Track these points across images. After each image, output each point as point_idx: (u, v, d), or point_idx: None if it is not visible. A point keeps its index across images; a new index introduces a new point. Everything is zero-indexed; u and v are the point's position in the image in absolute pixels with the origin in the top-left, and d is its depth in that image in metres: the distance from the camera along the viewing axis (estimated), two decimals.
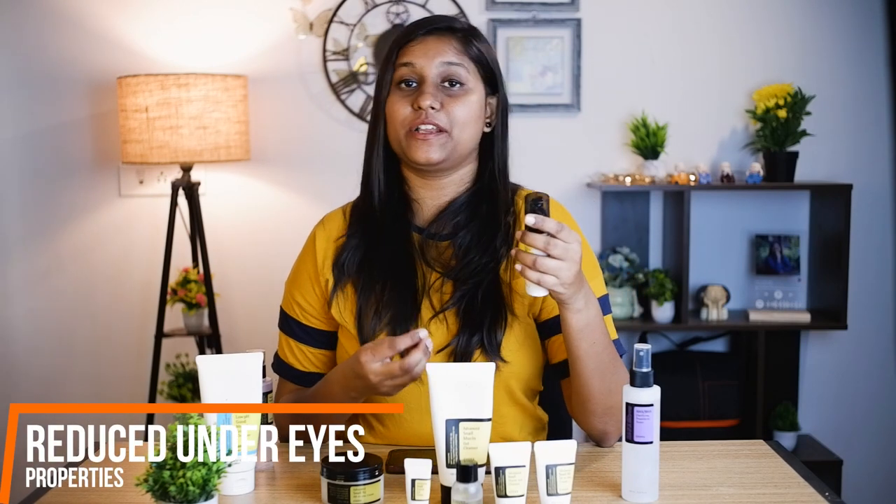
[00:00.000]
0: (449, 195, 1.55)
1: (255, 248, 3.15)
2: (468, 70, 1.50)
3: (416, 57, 1.49)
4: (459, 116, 1.48)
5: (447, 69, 1.49)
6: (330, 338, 1.59)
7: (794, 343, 3.16)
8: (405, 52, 1.51)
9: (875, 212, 3.17)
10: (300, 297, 1.59)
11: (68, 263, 3.14)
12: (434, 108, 1.47)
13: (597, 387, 1.43)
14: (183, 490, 1.09)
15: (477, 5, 3.08)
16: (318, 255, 1.58)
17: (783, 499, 1.29)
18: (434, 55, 1.49)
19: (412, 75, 1.50)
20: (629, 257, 3.06)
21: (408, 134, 1.49)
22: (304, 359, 1.60)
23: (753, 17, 3.11)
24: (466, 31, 1.53)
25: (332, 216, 1.63)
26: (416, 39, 1.51)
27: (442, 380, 1.26)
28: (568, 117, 3.12)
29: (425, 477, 1.23)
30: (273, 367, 1.63)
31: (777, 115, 2.96)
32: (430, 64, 1.49)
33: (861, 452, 3.20)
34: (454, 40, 1.51)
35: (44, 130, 3.10)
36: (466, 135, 1.50)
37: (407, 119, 1.49)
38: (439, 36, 1.51)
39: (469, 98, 1.50)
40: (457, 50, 1.50)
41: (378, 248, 1.53)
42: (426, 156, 1.48)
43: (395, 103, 1.51)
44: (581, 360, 1.41)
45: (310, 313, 1.58)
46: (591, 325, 1.39)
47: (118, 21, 3.07)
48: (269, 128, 3.11)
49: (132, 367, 3.17)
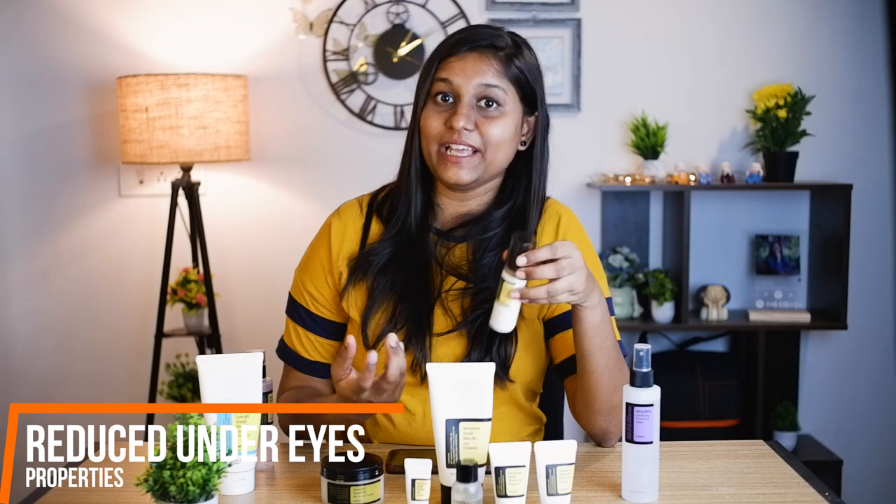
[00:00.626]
0: (472, 206, 1.56)
1: (255, 248, 3.15)
2: (506, 92, 1.48)
3: (455, 74, 1.48)
4: (493, 137, 1.47)
5: (484, 90, 1.47)
6: (339, 329, 1.59)
7: (794, 343, 3.16)
8: (445, 66, 1.49)
9: (875, 212, 3.17)
10: (311, 287, 1.59)
11: (68, 263, 3.14)
12: (468, 129, 1.46)
13: (604, 384, 1.43)
14: (183, 490, 1.09)
15: (477, 5, 3.08)
16: (334, 246, 1.58)
17: (783, 499, 1.29)
18: (472, 74, 1.47)
19: (448, 91, 1.48)
20: (629, 257, 3.06)
21: (439, 152, 1.48)
22: (311, 347, 1.60)
23: (753, 17, 3.11)
24: (510, 49, 1.50)
25: (349, 207, 1.62)
26: (458, 55, 1.49)
27: (442, 380, 1.26)
28: (568, 117, 3.12)
29: (425, 477, 1.23)
30: (278, 352, 1.64)
31: (777, 115, 2.96)
32: (467, 83, 1.47)
33: (861, 452, 3.20)
34: (495, 60, 1.48)
35: (44, 130, 3.10)
36: (501, 156, 1.50)
37: (439, 135, 1.48)
38: (481, 54, 1.48)
39: (504, 120, 1.48)
40: (496, 71, 1.48)
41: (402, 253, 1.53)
42: (456, 177, 1.48)
43: (429, 117, 1.49)
44: (593, 356, 1.41)
45: (320, 303, 1.58)
46: (604, 322, 1.40)
47: (118, 21, 3.07)
48: (269, 128, 3.11)
49: (132, 367, 3.17)
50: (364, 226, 1.58)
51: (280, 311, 3.25)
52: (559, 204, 1.61)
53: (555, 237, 1.56)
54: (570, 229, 1.57)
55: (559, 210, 1.59)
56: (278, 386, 1.64)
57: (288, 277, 3.28)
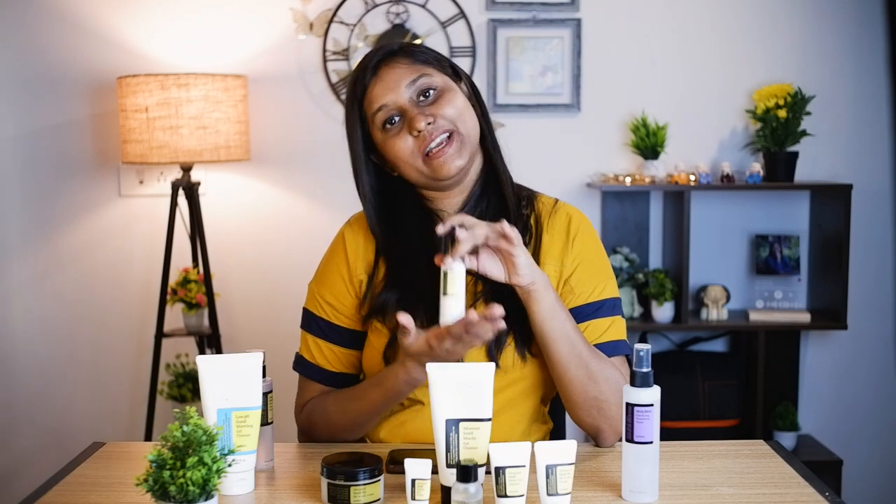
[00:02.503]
0: (466, 192, 1.58)
1: (255, 248, 3.15)
2: (430, 75, 1.52)
3: (381, 96, 1.50)
4: (451, 113, 1.50)
5: (414, 87, 1.50)
6: (359, 338, 1.59)
7: (794, 343, 3.16)
8: (369, 100, 1.52)
9: (875, 212, 3.17)
10: (331, 298, 1.58)
11: (68, 263, 3.14)
12: (429, 122, 1.48)
13: (574, 373, 1.44)
14: (183, 490, 1.09)
15: (477, 5, 3.09)
16: (350, 256, 1.58)
17: (783, 499, 1.29)
18: (395, 84, 1.50)
19: (389, 114, 1.50)
20: (629, 257, 3.06)
21: (424, 160, 1.50)
22: (333, 359, 1.59)
23: (753, 17, 3.11)
24: (404, 47, 1.54)
25: (360, 217, 1.63)
26: (370, 83, 1.52)
27: (442, 380, 1.26)
28: (568, 117, 3.12)
29: (425, 477, 1.23)
30: (295, 366, 1.63)
31: (777, 115, 2.96)
32: (398, 94, 1.50)
33: (861, 452, 3.20)
34: (401, 59, 1.52)
35: (44, 130, 3.10)
36: (469, 125, 1.52)
37: (414, 149, 1.49)
38: (386, 65, 1.52)
39: (447, 95, 1.51)
40: (409, 66, 1.51)
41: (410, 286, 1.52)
42: (453, 165, 1.49)
43: (394, 145, 1.50)
44: (556, 342, 1.42)
45: (342, 312, 1.58)
46: (558, 306, 1.42)
47: (118, 21, 3.07)
48: (269, 128, 3.11)
49: (132, 367, 3.17)
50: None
51: (280, 311, 3.27)
52: (570, 205, 1.63)
53: (566, 236, 1.57)
54: (581, 228, 1.58)
55: (569, 211, 1.61)
56: (296, 400, 1.63)
57: (288, 277, 3.29)
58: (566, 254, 1.56)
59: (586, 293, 1.54)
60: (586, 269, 1.56)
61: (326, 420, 1.55)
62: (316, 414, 1.57)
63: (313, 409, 1.58)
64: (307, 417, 1.59)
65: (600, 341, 1.51)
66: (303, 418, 1.60)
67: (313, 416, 1.58)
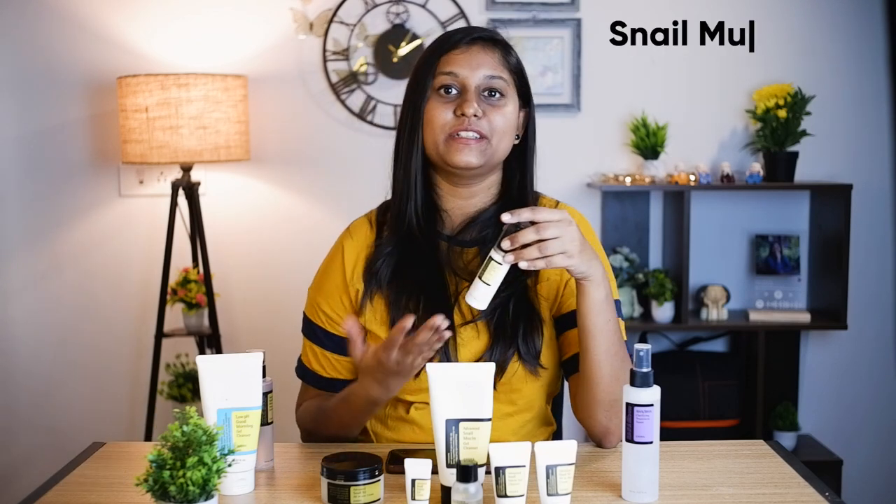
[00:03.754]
0: (477, 205, 1.58)
1: (255, 248, 3.15)
2: (507, 82, 1.53)
3: (460, 66, 1.51)
4: (499, 125, 1.51)
5: (489, 81, 1.51)
6: None
7: (794, 343, 3.16)
8: (447, 59, 1.52)
9: (875, 212, 3.17)
10: (327, 307, 1.59)
11: (68, 263, 3.14)
12: (477, 115, 1.49)
13: (606, 371, 1.44)
14: (183, 490, 1.09)
15: (477, 5, 3.08)
16: (347, 265, 1.59)
17: (783, 499, 1.29)
18: (478, 66, 1.51)
19: (454, 83, 1.51)
20: (629, 257, 3.06)
21: (448, 138, 1.50)
22: (329, 366, 1.60)
23: (753, 16, 3.10)
24: (506, 43, 1.57)
25: (359, 225, 1.63)
26: (460, 48, 1.52)
27: (442, 380, 1.26)
28: (568, 117, 3.12)
29: (425, 477, 1.23)
30: (297, 371, 1.65)
31: (777, 115, 2.96)
32: (473, 74, 1.51)
33: (861, 452, 3.20)
34: (497, 51, 1.53)
35: (44, 130, 3.10)
36: (503, 144, 1.53)
37: (448, 124, 1.50)
38: (483, 46, 1.53)
39: (507, 109, 1.53)
40: (498, 61, 1.53)
41: (410, 257, 1.54)
42: (466, 159, 1.50)
43: (435, 108, 1.51)
44: (596, 337, 1.42)
45: (337, 322, 1.58)
46: (608, 301, 1.42)
47: (118, 21, 3.07)
48: (269, 128, 3.11)
49: (132, 367, 3.17)
50: (375, 242, 1.59)
51: (280, 311, 3.27)
52: (571, 207, 1.63)
53: None
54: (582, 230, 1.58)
55: (570, 212, 1.61)
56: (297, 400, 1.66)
57: (288, 276, 3.29)
58: None
59: None
60: None
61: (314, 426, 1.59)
62: (306, 419, 1.61)
63: (304, 413, 1.62)
64: (300, 419, 1.63)
65: None
66: (297, 418, 1.65)
67: (305, 420, 1.62)
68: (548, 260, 1.33)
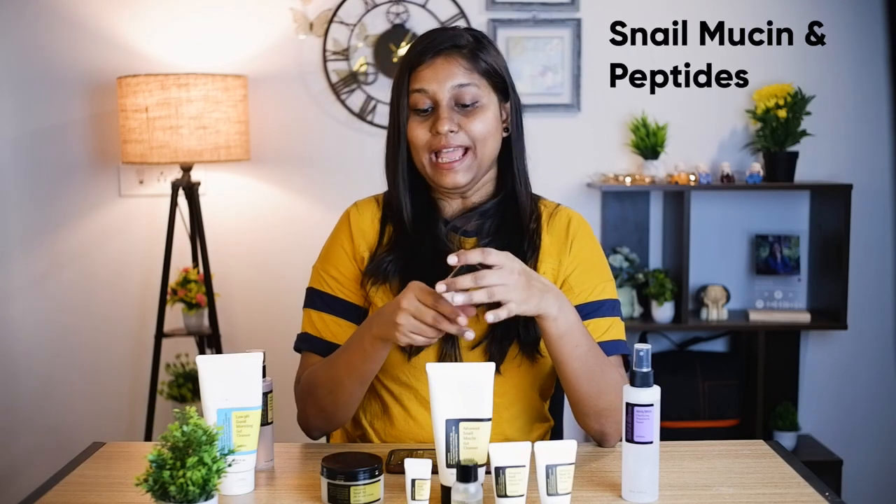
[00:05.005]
0: (473, 200, 1.59)
1: (255, 248, 3.15)
2: (479, 87, 1.52)
3: (427, 82, 1.51)
4: (478, 133, 1.51)
5: (458, 91, 1.51)
6: (361, 313, 1.59)
7: (794, 343, 3.16)
8: (416, 76, 1.52)
9: (875, 212, 3.17)
10: (335, 272, 1.60)
11: (68, 263, 3.14)
12: (452, 131, 1.49)
13: (585, 389, 1.45)
14: (183, 490, 1.09)
15: (477, 5, 3.08)
16: (355, 233, 1.60)
17: (783, 499, 1.29)
18: (444, 79, 1.51)
19: (426, 100, 1.52)
20: (629, 257, 3.06)
21: (431, 161, 1.52)
22: (337, 330, 1.58)
23: (753, 16, 3.10)
24: (472, 45, 1.54)
25: (366, 202, 1.65)
26: (425, 63, 1.52)
27: (442, 380, 1.26)
28: (568, 117, 3.12)
29: (425, 477, 1.23)
30: (297, 345, 1.63)
31: (777, 115, 2.96)
32: (441, 88, 1.51)
33: (861, 452, 3.20)
34: (462, 59, 1.52)
35: (44, 130, 3.10)
36: (489, 149, 1.54)
37: (427, 143, 1.51)
38: (447, 57, 1.52)
39: (484, 114, 1.52)
40: (465, 69, 1.52)
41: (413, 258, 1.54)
42: (454, 182, 1.52)
43: (414, 129, 1.53)
44: (566, 364, 1.43)
45: (344, 285, 1.59)
46: (571, 331, 1.40)
47: (118, 21, 3.07)
48: (269, 128, 3.11)
49: (132, 367, 3.17)
50: (382, 219, 1.61)
51: (280, 310, 3.26)
52: (570, 209, 1.65)
53: (565, 237, 1.59)
54: (580, 230, 1.60)
55: (570, 214, 1.63)
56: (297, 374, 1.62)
57: (288, 276, 3.29)
58: (564, 254, 1.57)
59: (586, 292, 1.55)
60: (585, 269, 1.57)
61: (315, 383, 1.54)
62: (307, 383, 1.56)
63: (306, 377, 1.58)
64: (302, 387, 1.59)
65: (600, 341, 1.52)
66: (298, 389, 1.60)
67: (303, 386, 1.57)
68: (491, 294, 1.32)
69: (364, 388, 1.50)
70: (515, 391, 1.54)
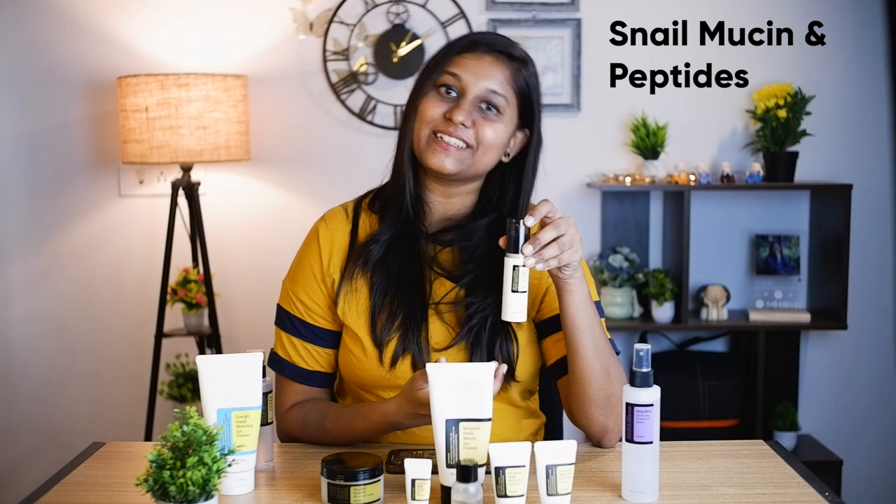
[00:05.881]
0: (455, 206, 1.58)
1: (255, 248, 3.15)
2: (507, 101, 1.52)
3: (466, 70, 1.50)
4: (487, 138, 1.50)
5: (488, 95, 1.50)
6: (334, 337, 1.58)
7: (794, 343, 3.16)
8: (457, 60, 1.51)
9: (875, 212, 3.17)
10: (304, 297, 1.58)
11: (68, 263, 3.14)
12: (465, 125, 1.49)
13: (597, 367, 1.45)
14: (183, 490, 1.09)
15: (477, 5, 3.08)
16: (324, 253, 1.58)
17: (783, 499, 1.29)
18: (482, 76, 1.50)
19: (455, 85, 1.51)
20: (629, 257, 3.06)
21: (429, 137, 1.50)
22: (309, 357, 1.58)
23: (754, 16, 3.10)
24: (522, 61, 1.54)
25: (334, 214, 1.63)
26: (473, 53, 1.51)
27: (442, 380, 1.26)
28: (568, 117, 3.12)
29: (425, 477, 1.23)
30: (271, 364, 1.61)
31: (777, 115, 2.96)
32: (476, 83, 1.50)
33: (861, 452, 3.20)
34: (507, 68, 1.52)
35: (44, 130, 3.10)
36: (487, 159, 1.52)
37: (435, 121, 1.50)
38: (495, 59, 1.52)
39: (500, 125, 1.51)
40: (505, 78, 1.51)
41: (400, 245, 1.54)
42: (440, 164, 1.50)
43: (429, 102, 1.52)
44: (586, 334, 1.43)
45: (315, 312, 1.57)
46: (589, 301, 1.44)
47: (118, 21, 3.07)
48: (269, 128, 3.11)
49: (132, 367, 3.17)
50: (352, 231, 1.59)
51: None
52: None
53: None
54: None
55: None
56: (276, 401, 1.59)
57: None
58: None
59: None
60: None
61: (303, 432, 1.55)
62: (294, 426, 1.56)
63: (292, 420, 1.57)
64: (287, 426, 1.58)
65: None
66: (287, 423, 1.58)
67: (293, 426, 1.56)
68: (559, 258, 1.35)
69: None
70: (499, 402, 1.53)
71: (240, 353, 1.35)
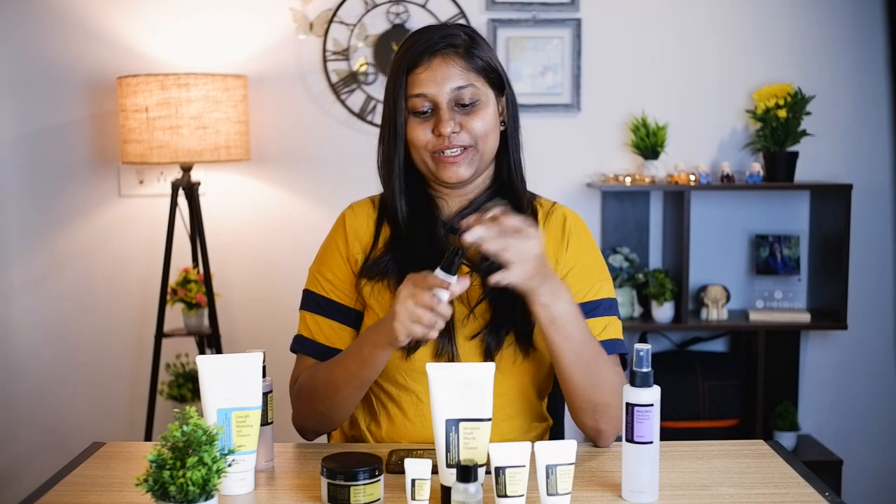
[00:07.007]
0: (471, 197, 1.60)
1: (255, 248, 3.15)
2: (476, 85, 1.53)
3: (426, 86, 1.51)
4: (480, 130, 1.52)
5: (458, 93, 1.51)
6: (356, 316, 1.60)
7: (794, 343, 3.16)
8: (414, 80, 1.52)
9: (875, 212, 3.17)
10: (330, 274, 1.60)
11: (68, 263, 3.14)
12: (455, 132, 1.50)
13: (578, 381, 1.45)
14: (183, 490, 1.09)
15: (477, 5, 3.08)
16: (350, 235, 1.61)
17: (783, 499, 1.29)
18: (442, 81, 1.51)
19: (426, 103, 1.52)
20: (629, 257, 3.06)
21: (434, 157, 1.52)
22: (331, 334, 1.59)
23: (753, 16, 3.11)
24: (467, 43, 1.54)
25: (362, 204, 1.66)
26: (422, 66, 1.51)
27: (442, 380, 1.27)
28: (568, 117, 3.12)
29: (425, 477, 1.23)
30: (293, 346, 1.63)
31: (777, 115, 2.96)
32: (440, 91, 1.51)
33: (861, 452, 3.20)
34: (458, 59, 1.52)
35: (44, 130, 3.10)
36: (489, 144, 1.55)
37: (430, 143, 1.52)
38: (444, 58, 1.52)
39: (484, 111, 1.53)
40: (462, 69, 1.52)
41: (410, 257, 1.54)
42: (456, 176, 1.52)
43: (414, 130, 1.53)
44: (556, 354, 1.43)
45: (339, 288, 1.59)
46: (563, 320, 1.41)
47: (118, 21, 3.07)
48: (269, 128, 3.11)
49: (132, 367, 3.17)
50: (377, 220, 1.61)
51: (280, 310, 3.26)
52: (566, 208, 1.65)
53: (561, 236, 1.59)
54: (576, 229, 1.60)
55: (564, 211, 1.63)
56: (292, 378, 1.62)
57: (288, 277, 3.29)
58: (561, 253, 1.57)
59: (582, 292, 1.55)
60: (582, 268, 1.57)
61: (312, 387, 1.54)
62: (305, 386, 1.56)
63: (304, 380, 1.57)
64: (298, 389, 1.59)
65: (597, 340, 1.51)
66: (294, 390, 1.60)
67: (300, 388, 1.58)
68: (499, 252, 1.34)
69: (361, 394, 1.51)
70: (513, 391, 1.54)
71: (240, 353, 1.35)
